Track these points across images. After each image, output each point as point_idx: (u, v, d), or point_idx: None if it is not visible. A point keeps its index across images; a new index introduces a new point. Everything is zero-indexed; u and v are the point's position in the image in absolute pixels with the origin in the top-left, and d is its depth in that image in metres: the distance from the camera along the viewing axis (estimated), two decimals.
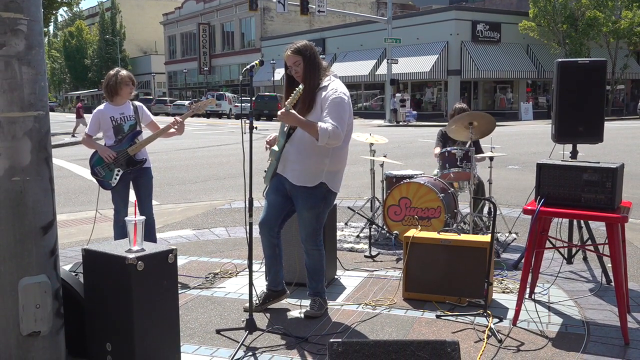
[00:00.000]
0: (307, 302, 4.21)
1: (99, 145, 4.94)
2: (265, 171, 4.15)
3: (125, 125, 4.97)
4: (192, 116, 5.09)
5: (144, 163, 5.00)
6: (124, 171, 4.92)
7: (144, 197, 5.03)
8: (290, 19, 51.32)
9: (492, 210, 5.00)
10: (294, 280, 4.53)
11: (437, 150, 6.51)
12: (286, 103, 3.77)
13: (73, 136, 24.03)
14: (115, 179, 4.93)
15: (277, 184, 4.10)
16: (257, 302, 4.16)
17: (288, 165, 3.98)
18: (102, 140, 5.05)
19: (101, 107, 5.03)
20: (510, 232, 6.31)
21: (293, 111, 3.76)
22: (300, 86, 3.79)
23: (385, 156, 6.66)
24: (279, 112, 3.81)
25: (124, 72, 5.01)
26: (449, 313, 4.13)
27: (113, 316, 3.02)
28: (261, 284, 4.52)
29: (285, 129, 3.98)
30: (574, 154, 5.18)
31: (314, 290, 4.16)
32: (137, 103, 5.14)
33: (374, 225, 6.02)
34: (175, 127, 4.97)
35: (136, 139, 4.97)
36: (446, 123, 6.47)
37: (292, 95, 3.77)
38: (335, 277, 5.00)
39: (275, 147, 4.03)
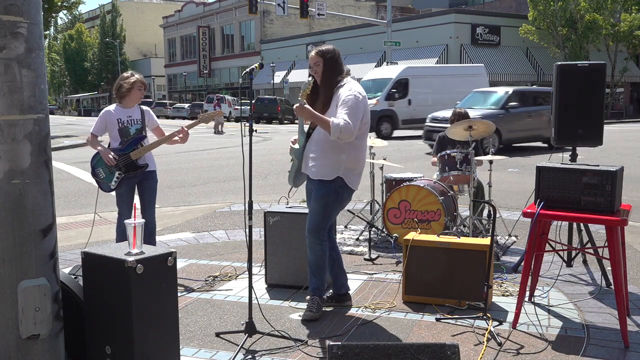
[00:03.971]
0: (303, 305, 4.21)
1: (102, 146, 4.95)
2: (288, 171, 4.31)
3: (131, 128, 4.97)
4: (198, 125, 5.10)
5: (145, 168, 4.99)
6: (125, 175, 4.92)
7: (148, 201, 5.03)
8: (290, 22, 51.40)
9: (492, 213, 5.00)
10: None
11: (434, 159, 6.58)
12: (299, 96, 4.05)
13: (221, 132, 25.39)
14: (115, 181, 4.92)
15: (309, 188, 4.25)
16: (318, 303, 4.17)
17: (309, 162, 4.15)
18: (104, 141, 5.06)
19: (110, 108, 5.03)
20: (509, 235, 6.31)
21: (307, 106, 3.97)
22: (309, 78, 4.08)
23: (384, 159, 6.66)
24: (294, 106, 4.05)
25: (137, 75, 5.02)
26: (449, 316, 4.13)
27: (112, 319, 3.02)
28: (261, 287, 4.52)
29: (305, 128, 4.18)
30: (573, 157, 5.19)
31: (314, 286, 4.15)
32: (144, 107, 5.13)
33: (373, 228, 6.02)
34: (180, 135, 4.99)
35: (140, 143, 4.96)
36: (445, 126, 6.48)
37: (302, 88, 4.08)
38: None
39: (296, 146, 4.21)
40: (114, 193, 5.02)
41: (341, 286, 4.34)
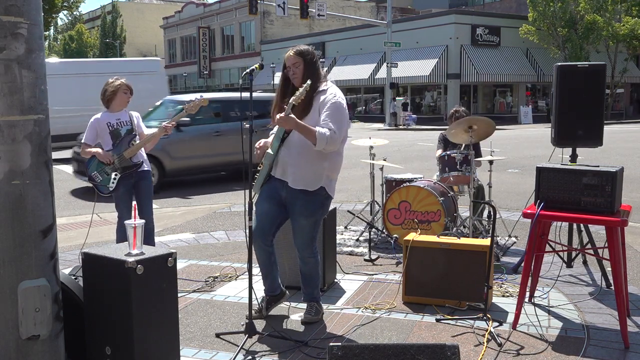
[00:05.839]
0: (303, 306, 4.21)
1: (96, 150, 4.99)
2: (256, 176, 3.98)
3: (122, 129, 5.05)
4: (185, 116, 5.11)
5: (140, 166, 5.05)
6: (121, 175, 4.96)
7: (144, 201, 5.06)
8: (290, 22, 51.39)
9: (492, 213, 5.00)
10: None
11: (439, 152, 6.53)
12: (291, 100, 3.70)
13: None
14: (113, 183, 4.97)
15: (269, 192, 4.00)
16: (260, 307, 4.14)
17: (288, 169, 3.90)
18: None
19: (98, 115, 5.10)
20: (510, 236, 6.31)
21: (292, 115, 3.69)
22: (309, 82, 3.73)
23: (385, 160, 6.66)
24: (277, 116, 3.74)
25: (121, 80, 5.07)
26: (449, 317, 4.12)
27: (112, 320, 3.02)
28: (261, 288, 4.51)
29: (281, 134, 3.91)
30: (573, 158, 5.19)
31: (310, 296, 4.14)
32: (133, 113, 5.19)
33: (373, 229, 6.02)
34: (168, 126, 5.01)
35: (132, 142, 5.01)
36: (445, 127, 6.48)
37: (299, 92, 3.69)
38: (335, 280, 5.00)
39: (270, 151, 3.94)
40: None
41: (277, 287, 4.20)
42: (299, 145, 3.83)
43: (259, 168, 3.99)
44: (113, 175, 4.96)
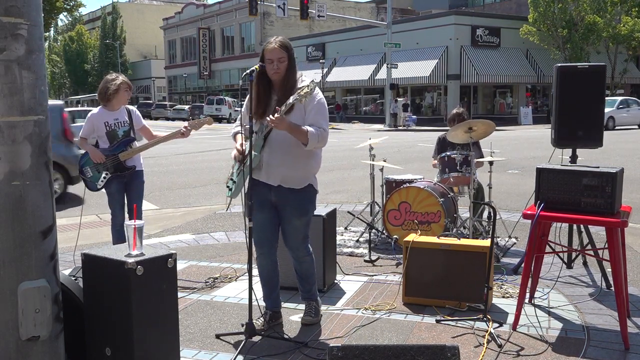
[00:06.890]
0: (302, 307, 4.20)
1: (91, 147, 5.01)
2: (232, 180, 3.81)
3: (119, 131, 5.04)
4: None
5: (133, 170, 5.06)
6: (112, 175, 4.98)
7: (134, 199, 5.09)
8: (290, 23, 51.42)
9: (492, 214, 5.01)
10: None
11: (435, 161, 6.59)
12: (291, 100, 3.57)
13: None
14: (102, 181, 5.00)
15: (259, 199, 3.83)
16: (264, 323, 3.99)
17: (272, 169, 3.76)
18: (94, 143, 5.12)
19: (95, 111, 5.07)
20: (510, 237, 6.31)
21: (284, 117, 3.57)
22: (314, 80, 3.64)
23: (385, 160, 6.66)
24: (270, 117, 3.57)
25: (121, 77, 5.04)
26: (449, 318, 4.12)
27: (112, 321, 3.02)
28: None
29: (264, 133, 3.75)
30: (573, 159, 5.19)
31: (308, 294, 4.11)
32: (130, 107, 5.17)
33: (373, 230, 6.02)
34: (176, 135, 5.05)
35: (129, 145, 5.02)
36: (446, 128, 6.48)
37: (304, 91, 3.53)
38: (335, 281, 5.00)
39: (255, 152, 3.74)
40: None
41: (279, 302, 4.13)
42: (284, 145, 3.72)
43: (236, 170, 3.83)
44: (104, 174, 4.98)
